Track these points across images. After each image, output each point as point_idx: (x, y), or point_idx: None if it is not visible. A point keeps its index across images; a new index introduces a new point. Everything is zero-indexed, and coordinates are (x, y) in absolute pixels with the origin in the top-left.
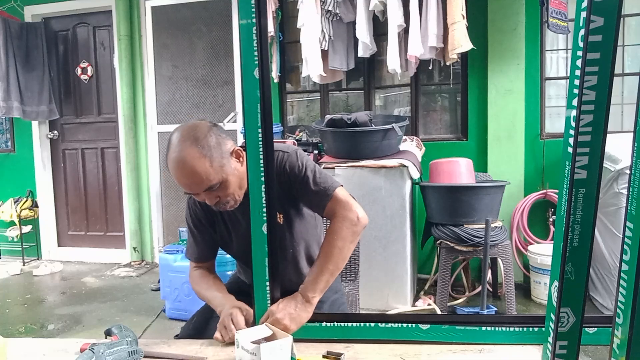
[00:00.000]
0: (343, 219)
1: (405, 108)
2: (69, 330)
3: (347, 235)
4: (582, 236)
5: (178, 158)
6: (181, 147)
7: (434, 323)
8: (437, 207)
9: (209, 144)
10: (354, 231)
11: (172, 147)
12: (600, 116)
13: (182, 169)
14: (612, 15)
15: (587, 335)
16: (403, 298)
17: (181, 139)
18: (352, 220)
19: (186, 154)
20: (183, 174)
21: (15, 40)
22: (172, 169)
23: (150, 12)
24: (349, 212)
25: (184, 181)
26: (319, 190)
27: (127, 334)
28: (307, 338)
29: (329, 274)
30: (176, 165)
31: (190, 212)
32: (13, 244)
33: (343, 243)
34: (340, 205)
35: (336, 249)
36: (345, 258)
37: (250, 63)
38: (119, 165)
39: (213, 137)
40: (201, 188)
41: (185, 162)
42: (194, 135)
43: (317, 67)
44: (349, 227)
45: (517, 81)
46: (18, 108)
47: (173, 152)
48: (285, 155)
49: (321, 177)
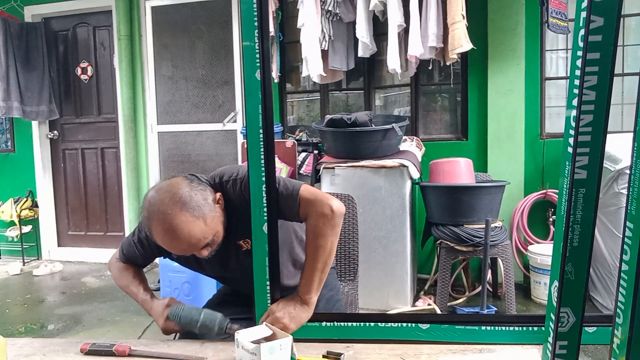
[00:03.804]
0: (317, 217)
1: (405, 108)
2: (69, 330)
3: (326, 231)
4: (582, 236)
5: (171, 227)
6: (171, 215)
7: (434, 323)
8: (437, 207)
9: (198, 203)
10: (332, 225)
11: (158, 216)
12: (600, 116)
13: (178, 236)
14: (612, 15)
15: (587, 335)
16: (403, 298)
17: (167, 205)
18: (326, 215)
19: (179, 222)
20: (179, 241)
21: (15, 40)
22: (163, 237)
23: (150, 12)
24: (321, 208)
25: (179, 248)
26: (284, 200)
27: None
28: (307, 338)
29: (320, 272)
30: (170, 234)
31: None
32: (13, 244)
33: (325, 240)
34: (311, 204)
35: (320, 248)
36: (332, 253)
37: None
38: (119, 165)
39: (198, 194)
40: (198, 248)
41: (180, 230)
42: (180, 200)
43: (317, 67)
44: (326, 223)
45: (517, 81)
46: (18, 108)
47: (163, 222)
48: (237, 181)
49: (280, 185)
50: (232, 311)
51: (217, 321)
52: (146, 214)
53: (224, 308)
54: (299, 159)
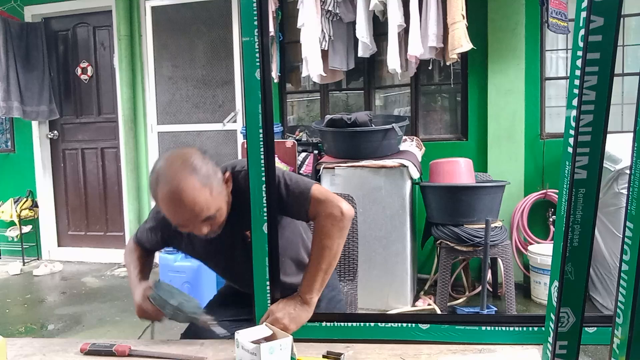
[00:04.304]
0: (326, 217)
1: (405, 108)
2: (69, 330)
3: (334, 232)
4: (582, 236)
5: (178, 190)
6: (179, 178)
7: (434, 323)
8: (437, 207)
9: (208, 172)
10: (340, 227)
11: (166, 178)
12: (600, 116)
13: (181, 200)
14: (612, 15)
15: (587, 335)
16: (403, 298)
17: (177, 168)
18: (336, 216)
19: (186, 186)
20: (182, 206)
21: (15, 40)
22: (167, 201)
23: (150, 12)
24: (331, 209)
25: (181, 214)
26: (295, 198)
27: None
28: (307, 338)
29: (323, 273)
30: (174, 197)
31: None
32: (13, 244)
33: (331, 241)
34: (321, 204)
35: (326, 248)
36: (337, 255)
37: (251, 63)
38: (119, 165)
39: (209, 165)
40: (199, 220)
41: (185, 194)
42: (190, 165)
43: (317, 67)
44: (334, 224)
45: (517, 81)
46: (18, 108)
47: (168, 184)
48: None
49: (292, 182)
50: (233, 312)
51: (192, 308)
52: (154, 177)
53: (225, 309)
54: (299, 159)
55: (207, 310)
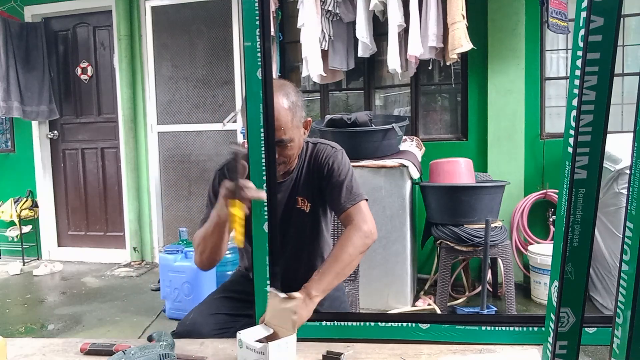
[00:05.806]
0: (359, 228)
1: (405, 108)
2: (69, 330)
3: (359, 244)
4: (582, 236)
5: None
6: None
7: (434, 323)
8: (437, 207)
9: (297, 103)
10: (365, 242)
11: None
12: (600, 116)
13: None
14: (612, 15)
15: (587, 335)
16: (403, 298)
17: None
18: (366, 232)
19: (276, 101)
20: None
21: (15, 40)
22: None
23: (150, 12)
24: (364, 223)
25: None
26: (347, 193)
27: (164, 339)
28: (307, 338)
29: (334, 276)
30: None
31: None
32: (13, 244)
33: (354, 250)
34: (360, 215)
35: (346, 254)
36: (353, 266)
37: (253, 63)
38: (119, 165)
39: (300, 100)
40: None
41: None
42: (285, 91)
43: (317, 67)
44: (362, 238)
45: (517, 81)
46: (18, 108)
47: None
48: (332, 151)
49: (354, 183)
50: (231, 307)
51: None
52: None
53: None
54: None
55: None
